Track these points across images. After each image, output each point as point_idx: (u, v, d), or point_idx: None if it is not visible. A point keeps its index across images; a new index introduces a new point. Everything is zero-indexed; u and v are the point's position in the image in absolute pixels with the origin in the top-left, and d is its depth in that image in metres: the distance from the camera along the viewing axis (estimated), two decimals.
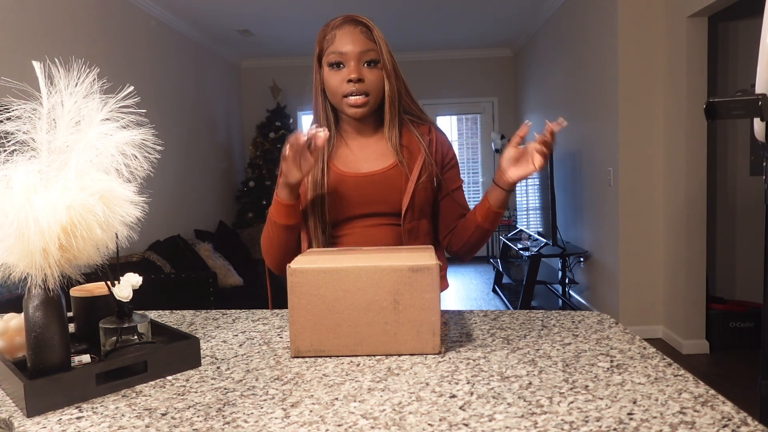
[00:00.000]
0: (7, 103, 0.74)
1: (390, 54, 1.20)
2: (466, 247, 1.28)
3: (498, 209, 1.19)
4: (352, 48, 1.16)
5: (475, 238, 1.25)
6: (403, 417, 0.66)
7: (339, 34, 1.18)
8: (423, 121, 1.30)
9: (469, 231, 1.25)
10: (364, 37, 1.17)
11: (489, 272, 6.19)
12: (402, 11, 4.95)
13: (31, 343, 0.75)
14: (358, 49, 1.16)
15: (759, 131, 1.42)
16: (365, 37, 1.18)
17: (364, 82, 1.17)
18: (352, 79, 1.16)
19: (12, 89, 0.78)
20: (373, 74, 1.18)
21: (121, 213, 0.79)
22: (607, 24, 3.69)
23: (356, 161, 1.25)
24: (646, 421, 0.63)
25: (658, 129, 3.52)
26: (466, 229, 1.26)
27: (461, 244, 1.28)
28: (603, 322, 1.03)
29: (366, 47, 1.17)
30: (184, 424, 0.67)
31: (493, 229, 1.24)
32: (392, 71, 1.20)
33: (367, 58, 1.17)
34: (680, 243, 3.36)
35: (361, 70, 1.17)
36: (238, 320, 1.14)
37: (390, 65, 1.20)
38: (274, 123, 6.22)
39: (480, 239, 1.26)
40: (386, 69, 1.19)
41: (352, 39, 1.17)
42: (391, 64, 1.20)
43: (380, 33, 1.20)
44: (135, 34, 4.28)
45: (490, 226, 1.22)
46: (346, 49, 1.16)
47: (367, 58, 1.17)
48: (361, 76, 1.16)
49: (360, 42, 1.17)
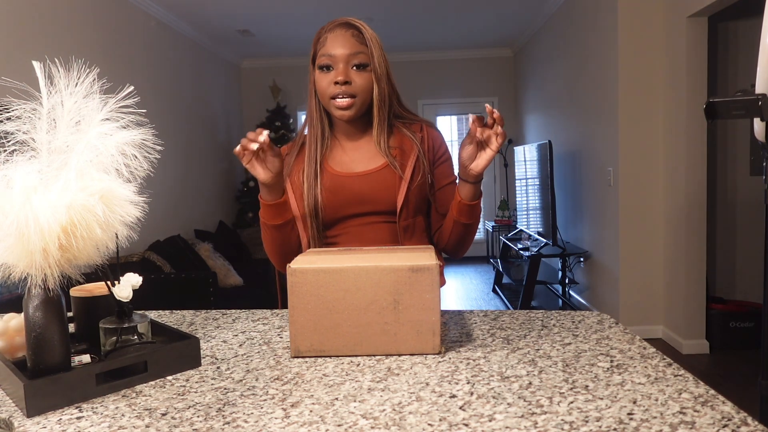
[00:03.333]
0: (7, 103, 0.74)
1: (383, 58, 1.21)
2: (450, 243, 1.28)
3: (470, 202, 1.18)
4: (341, 51, 1.17)
5: (456, 234, 1.24)
6: (403, 417, 0.66)
7: (330, 37, 1.19)
8: (415, 120, 1.31)
9: (449, 228, 1.25)
10: (354, 40, 1.18)
11: (489, 272, 6.19)
12: (402, 11, 4.95)
13: (31, 343, 0.75)
14: (346, 52, 1.17)
15: (759, 131, 1.42)
16: (356, 40, 1.18)
17: (351, 84, 1.18)
18: (338, 81, 1.17)
19: (12, 89, 0.78)
20: (361, 77, 1.19)
21: (121, 213, 0.79)
22: (607, 24, 3.69)
23: (350, 162, 1.26)
24: (646, 421, 0.63)
25: (658, 129, 3.52)
26: (446, 226, 1.26)
27: (446, 241, 1.28)
28: (603, 322, 1.03)
29: (355, 50, 1.18)
30: (184, 424, 0.67)
31: (472, 222, 1.22)
32: (382, 75, 1.21)
33: (355, 61, 1.18)
34: (680, 243, 3.36)
35: (349, 73, 1.18)
36: (238, 320, 1.14)
37: (380, 69, 1.20)
38: (274, 123, 6.22)
39: (461, 235, 1.24)
40: (376, 72, 1.20)
41: (342, 42, 1.18)
42: (382, 68, 1.20)
43: (374, 36, 1.20)
44: (135, 34, 4.28)
45: (467, 219, 1.20)
46: (335, 51, 1.17)
47: (356, 61, 1.18)
48: (348, 79, 1.17)
49: (349, 45, 1.18)
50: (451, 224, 1.23)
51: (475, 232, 1.27)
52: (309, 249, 1.18)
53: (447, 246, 1.30)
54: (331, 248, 1.19)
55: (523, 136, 6.40)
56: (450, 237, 1.26)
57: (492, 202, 6.84)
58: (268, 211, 1.17)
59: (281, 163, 1.12)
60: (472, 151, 1.13)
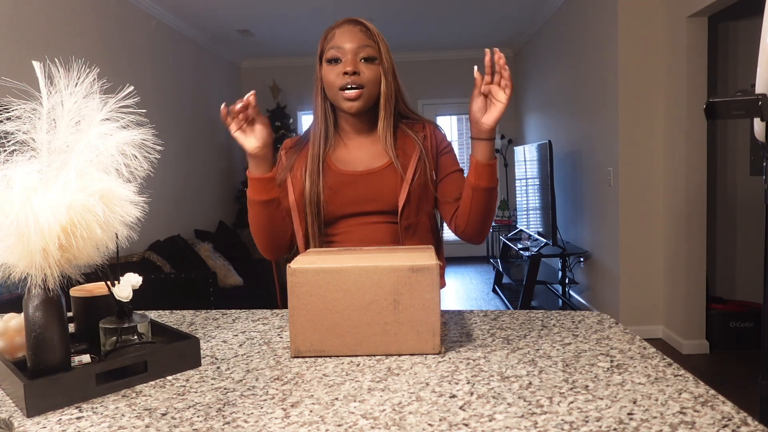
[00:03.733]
0: (7, 103, 0.74)
1: (389, 55, 1.23)
2: (472, 219, 1.21)
3: (488, 161, 1.15)
4: (349, 44, 1.19)
5: (478, 204, 1.18)
6: (403, 417, 0.66)
7: (338, 32, 1.21)
8: (418, 120, 1.32)
9: (468, 200, 1.19)
10: (362, 35, 1.20)
11: (489, 272, 6.18)
12: (402, 11, 4.95)
13: (31, 343, 0.75)
14: (355, 45, 1.19)
15: (759, 131, 1.42)
16: (364, 35, 1.21)
17: (360, 75, 1.19)
18: (347, 71, 1.18)
19: (12, 89, 0.78)
20: (370, 70, 1.20)
21: (121, 213, 0.79)
22: (607, 24, 3.69)
23: (353, 160, 1.26)
24: (646, 421, 0.63)
25: (658, 129, 3.52)
26: (465, 201, 1.21)
27: (466, 220, 1.22)
28: (603, 322, 1.03)
29: (363, 43, 1.20)
30: (184, 424, 0.67)
31: (493, 186, 1.17)
32: (389, 69, 1.22)
33: (364, 54, 1.20)
34: (680, 243, 3.36)
35: (358, 64, 1.19)
36: (238, 320, 1.14)
37: (388, 64, 1.22)
38: (274, 123, 6.22)
39: (485, 204, 1.19)
40: (384, 67, 1.22)
41: (351, 36, 1.20)
42: (389, 64, 1.22)
43: (380, 34, 1.23)
44: (135, 34, 4.28)
45: (487, 183, 1.16)
46: (344, 44, 1.19)
47: (364, 54, 1.20)
48: (356, 69, 1.18)
49: (357, 39, 1.20)
50: (469, 197, 1.18)
51: (496, 201, 1.21)
52: (309, 249, 1.18)
53: (469, 225, 1.23)
54: (331, 248, 1.19)
55: (523, 136, 6.40)
56: (471, 212, 1.20)
57: None
58: (257, 185, 1.17)
59: (269, 134, 1.13)
60: (482, 103, 1.11)
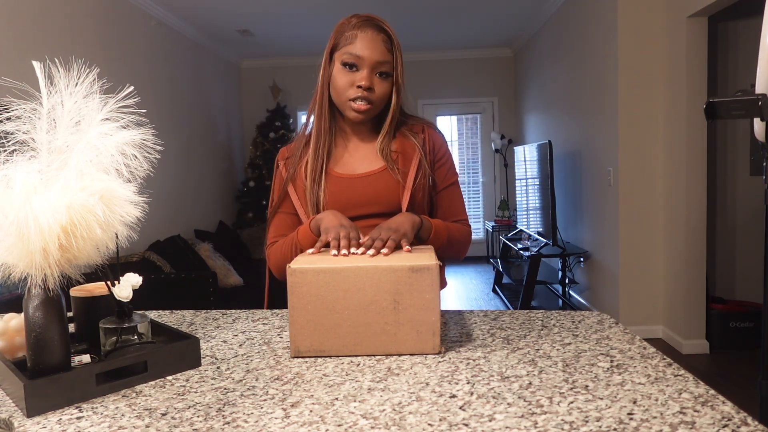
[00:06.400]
0: (7, 103, 0.74)
1: (402, 67, 1.19)
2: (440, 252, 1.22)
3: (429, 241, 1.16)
4: (369, 55, 1.15)
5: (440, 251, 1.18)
6: (403, 417, 0.66)
7: (360, 36, 1.16)
8: (416, 122, 1.30)
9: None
10: (384, 47, 1.16)
11: (489, 272, 6.18)
12: (403, 11, 4.95)
13: (31, 343, 0.75)
14: (375, 58, 1.15)
15: (759, 131, 1.42)
16: (385, 47, 1.16)
17: (374, 91, 1.16)
18: (362, 86, 1.15)
19: (12, 89, 0.78)
20: (382, 86, 1.17)
21: (121, 213, 0.79)
22: (607, 24, 3.69)
23: (352, 163, 1.25)
24: (646, 421, 0.63)
25: (658, 129, 3.52)
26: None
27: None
28: (603, 322, 1.03)
29: (383, 58, 1.16)
30: (184, 424, 0.67)
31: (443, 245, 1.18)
32: (402, 86, 1.20)
33: (381, 69, 1.16)
34: (680, 243, 3.36)
35: (373, 79, 1.16)
36: (238, 320, 1.14)
37: (401, 80, 1.19)
38: (274, 123, 6.22)
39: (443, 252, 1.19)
40: (397, 83, 1.19)
41: (373, 46, 1.15)
42: (402, 79, 1.19)
43: (399, 42, 1.19)
44: (135, 34, 4.28)
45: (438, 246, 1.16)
46: (364, 54, 1.15)
47: (382, 69, 1.16)
48: (371, 85, 1.16)
49: (379, 51, 1.15)
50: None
51: (458, 240, 1.23)
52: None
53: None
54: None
55: (523, 136, 6.40)
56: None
57: (492, 202, 6.84)
58: (313, 241, 1.13)
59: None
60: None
